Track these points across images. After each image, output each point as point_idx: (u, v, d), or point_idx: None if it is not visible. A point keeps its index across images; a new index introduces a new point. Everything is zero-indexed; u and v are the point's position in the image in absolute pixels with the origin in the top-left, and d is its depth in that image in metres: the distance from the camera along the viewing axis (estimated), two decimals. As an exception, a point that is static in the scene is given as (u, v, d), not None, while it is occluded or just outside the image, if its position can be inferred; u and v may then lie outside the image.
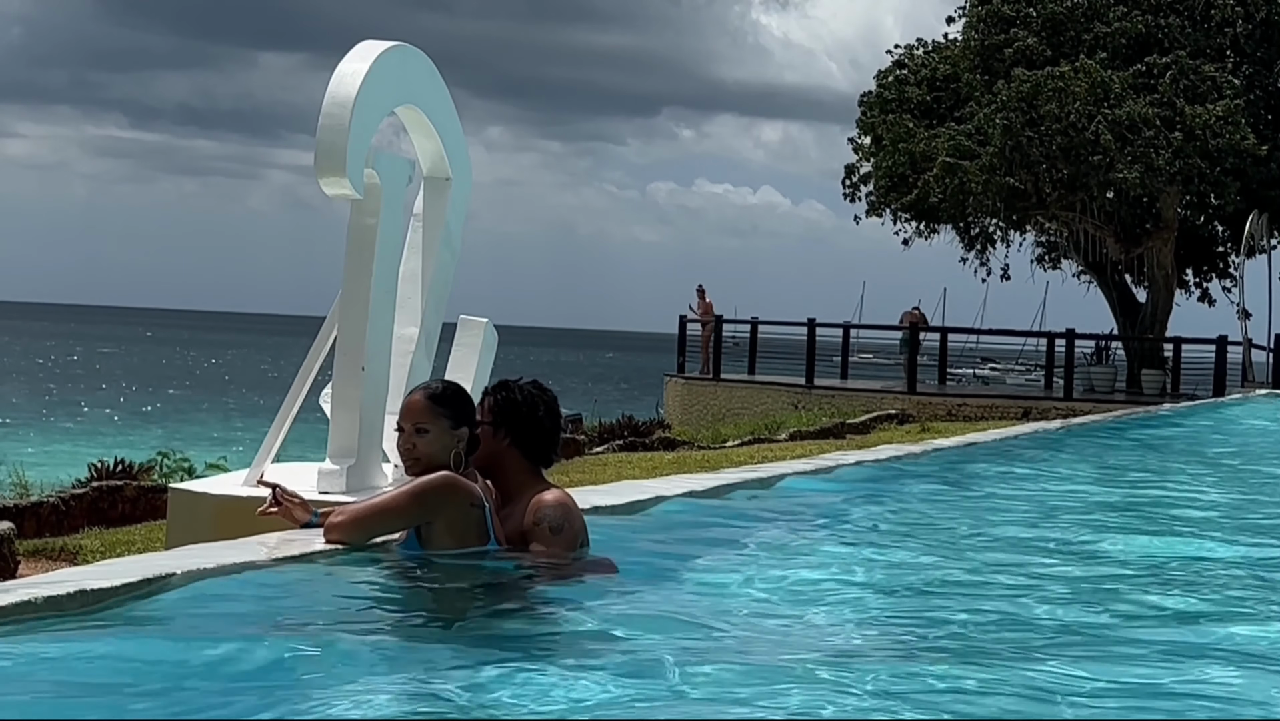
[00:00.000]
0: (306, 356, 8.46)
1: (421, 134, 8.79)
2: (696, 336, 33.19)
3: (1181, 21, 31.41)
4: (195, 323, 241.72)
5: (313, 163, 7.78)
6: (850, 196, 34.10)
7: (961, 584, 6.14)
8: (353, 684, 3.78)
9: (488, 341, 9.12)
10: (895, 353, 34.45)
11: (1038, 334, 41.38)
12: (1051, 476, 11.37)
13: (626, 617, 4.78)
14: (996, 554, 7.06)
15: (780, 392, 29.23)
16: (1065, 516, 8.68)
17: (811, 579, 5.93)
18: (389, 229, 8.33)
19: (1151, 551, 7.34)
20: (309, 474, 8.11)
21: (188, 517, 8.00)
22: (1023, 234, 35.12)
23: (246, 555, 4.99)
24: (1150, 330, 32.21)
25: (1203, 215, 33.93)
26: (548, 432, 5.55)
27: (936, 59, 33.85)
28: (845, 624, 5.01)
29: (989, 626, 5.17)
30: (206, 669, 3.85)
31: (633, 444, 18.50)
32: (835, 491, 9.00)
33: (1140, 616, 5.60)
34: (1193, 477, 11.86)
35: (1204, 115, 29.31)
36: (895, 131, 31.87)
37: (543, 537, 5.33)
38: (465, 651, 4.34)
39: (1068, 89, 29.17)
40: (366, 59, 8.03)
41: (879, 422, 22.43)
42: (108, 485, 12.15)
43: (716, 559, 6.20)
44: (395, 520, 5.28)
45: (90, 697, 3.57)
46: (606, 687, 3.82)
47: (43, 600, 4.19)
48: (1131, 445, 15.32)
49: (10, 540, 8.79)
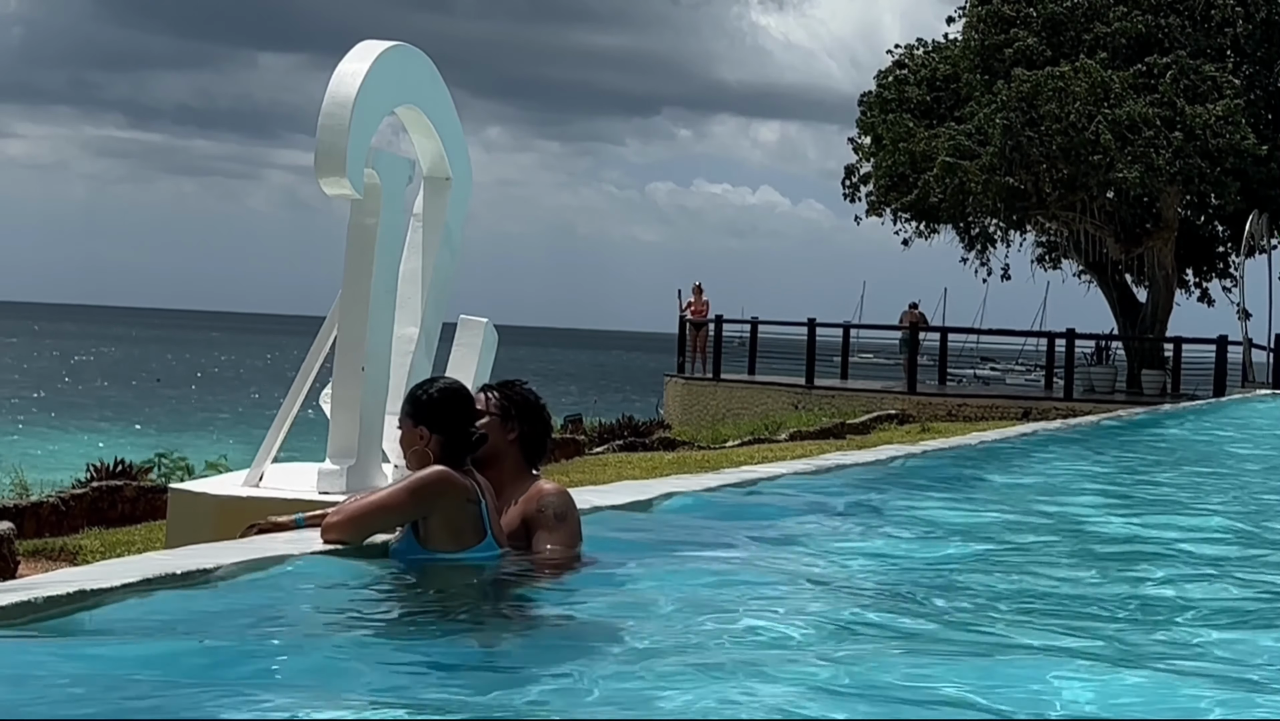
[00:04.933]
0: (306, 356, 8.46)
1: (421, 134, 8.79)
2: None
3: (1182, 21, 31.42)
4: (195, 322, 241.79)
5: (313, 163, 7.79)
6: (850, 196, 34.12)
7: (963, 583, 6.14)
8: (353, 684, 3.78)
9: (488, 341, 9.12)
10: (895, 353, 34.43)
11: (1038, 334, 41.39)
12: (1050, 476, 11.37)
13: (626, 618, 4.77)
14: (997, 554, 7.06)
15: (780, 392, 29.23)
16: (1065, 516, 8.68)
17: (811, 579, 5.92)
18: (389, 229, 8.33)
19: (1158, 545, 7.34)
20: (309, 474, 8.11)
21: (187, 517, 8.01)
22: (1023, 234, 35.13)
23: (246, 555, 4.99)
24: (1150, 330, 32.21)
25: (1203, 215, 33.94)
26: (547, 432, 5.71)
27: (936, 59, 33.86)
28: (846, 623, 5.00)
29: (990, 626, 5.17)
30: (205, 669, 3.85)
31: (633, 444, 18.50)
32: (835, 491, 8.99)
33: (1146, 613, 5.60)
34: (1202, 478, 11.86)
35: (1204, 115, 29.31)
36: (895, 131, 31.87)
37: (547, 523, 5.41)
38: (466, 652, 4.34)
39: (1068, 89, 29.17)
40: (366, 59, 8.03)
41: (879, 423, 22.43)
42: (107, 485, 12.15)
43: (716, 559, 6.19)
44: (391, 516, 5.29)
45: (90, 697, 3.57)
46: (607, 687, 3.81)
47: (43, 600, 4.18)
48: (1138, 444, 15.32)
49: (10, 540, 8.79)
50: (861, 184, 33.85)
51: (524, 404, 5.64)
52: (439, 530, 5.22)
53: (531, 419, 5.63)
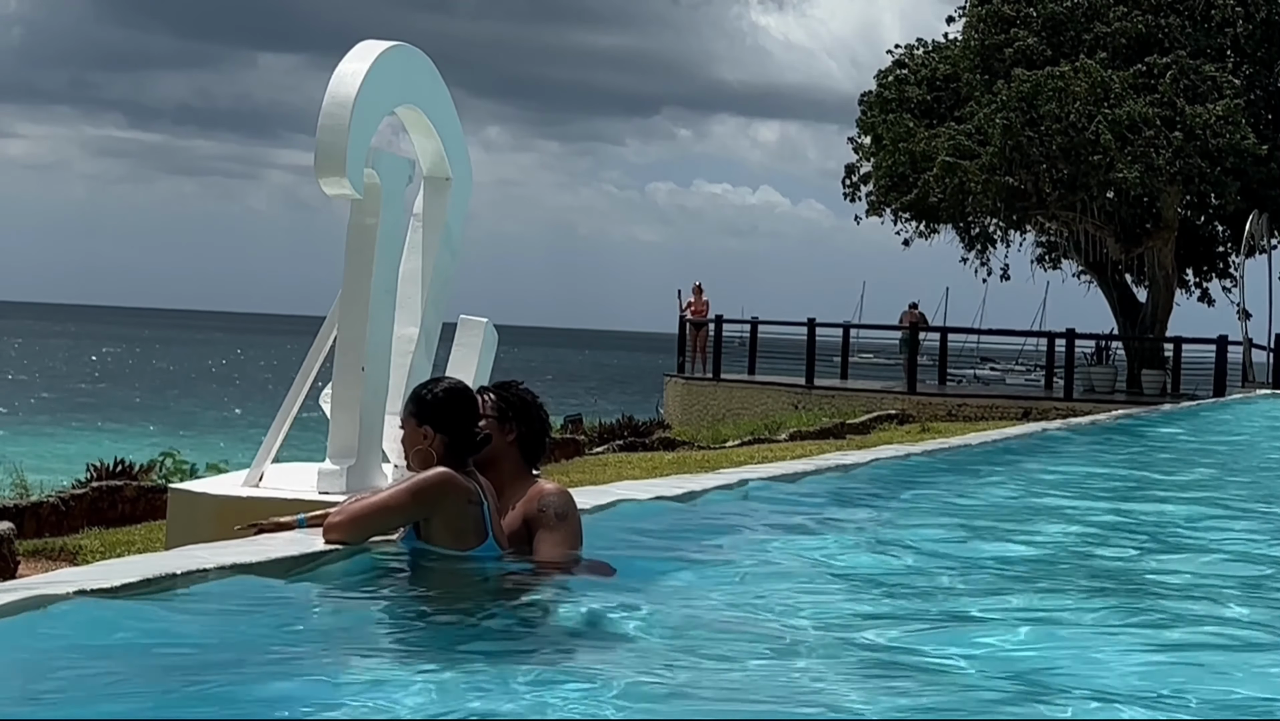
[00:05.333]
0: (306, 356, 8.46)
1: (421, 134, 8.79)
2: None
3: (1182, 21, 31.42)
4: (195, 322, 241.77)
5: (313, 163, 7.78)
6: (850, 196, 34.11)
7: (965, 583, 6.13)
8: (353, 684, 3.78)
9: (488, 341, 9.12)
10: (895, 353, 34.43)
11: (1038, 334, 41.39)
12: (1050, 475, 11.37)
13: (626, 619, 4.77)
14: (998, 554, 7.06)
15: (780, 392, 29.23)
16: (1063, 516, 8.68)
17: (812, 578, 5.93)
18: (389, 229, 8.33)
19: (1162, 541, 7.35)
20: (309, 474, 8.11)
21: (188, 517, 8.00)
22: (1023, 234, 35.13)
23: (246, 555, 4.99)
24: (1150, 330, 32.21)
25: (1203, 215, 33.94)
26: (545, 433, 5.71)
27: (936, 59, 33.85)
28: (846, 622, 5.00)
29: (990, 626, 5.17)
30: (205, 669, 3.85)
31: (633, 444, 18.51)
32: (839, 491, 8.99)
33: (1152, 611, 5.60)
34: (1204, 476, 11.86)
35: (1204, 115, 29.31)
36: (895, 131, 31.87)
37: (548, 523, 5.41)
38: (466, 652, 4.34)
39: (1068, 89, 29.17)
40: (366, 59, 8.03)
41: (879, 422, 22.44)
42: (107, 485, 12.14)
43: (715, 559, 6.19)
44: (393, 517, 5.29)
45: (89, 697, 3.57)
46: (607, 687, 3.81)
47: (43, 600, 4.18)
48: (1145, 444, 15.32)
49: (10, 540, 8.79)
50: (861, 184, 33.84)
51: (521, 405, 5.64)
52: (440, 531, 5.22)
53: (529, 419, 5.63)
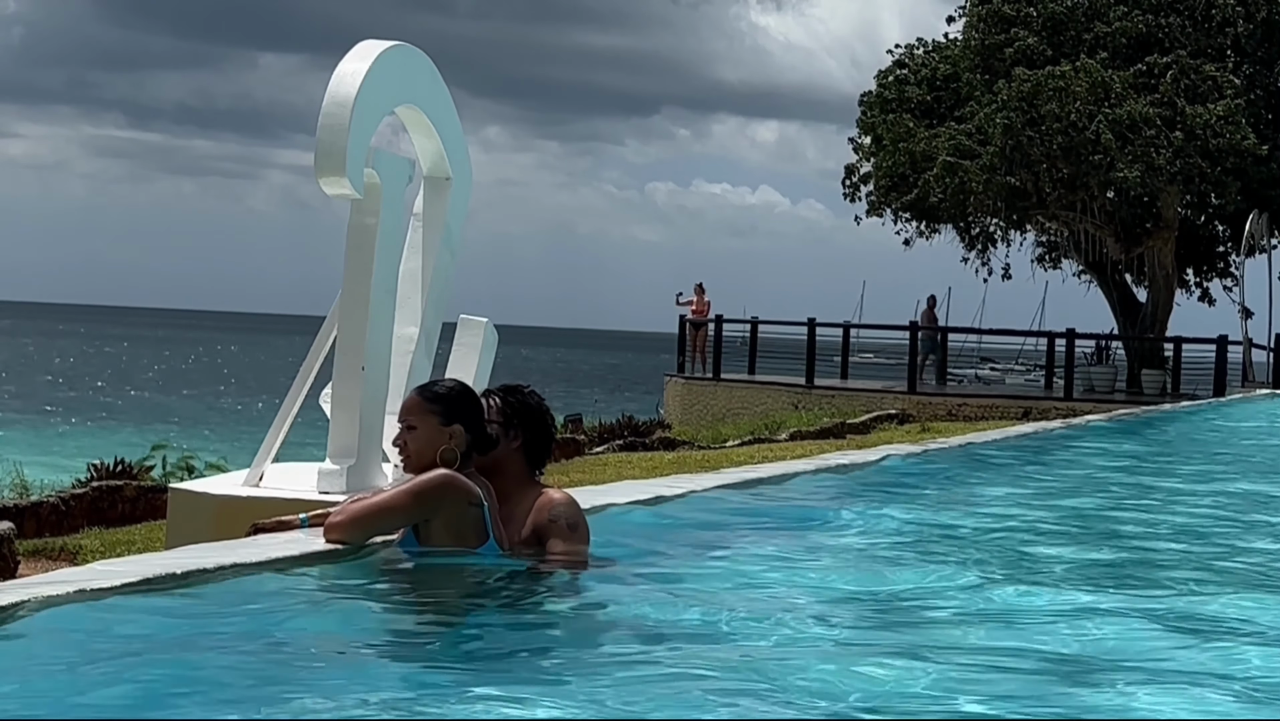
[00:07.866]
0: (306, 356, 8.46)
1: (421, 134, 8.79)
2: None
3: (1182, 21, 31.42)
4: (195, 322, 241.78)
5: (313, 162, 7.79)
6: (850, 196, 34.10)
7: (965, 584, 6.13)
8: (353, 685, 3.77)
9: (488, 341, 9.12)
10: (903, 354, 34.39)
11: (1038, 334, 41.37)
12: (1051, 475, 11.37)
13: (627, 619, 4.77)
14: (998, 554, 7.06)
15: (780, 392, 29.23)
16: (1063, 515, 8.68)
17: (812, 578, 5.92)
18: (389, 229, 8.33)
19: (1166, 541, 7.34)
20: (309, 474, 8.11)
21: (188, 517, 8.01)
22: (1023, 234, 35.13)
23: (246, 555, 4.98)
24: (1150, 330, 32.21)
25: (1203, 215, 33.93)
26: (551, 438, 5.64)
27: (937, 59, 33.84)
28: (846, 622, 5.00)
29: (990, 625, 5.17)
30: (205, 669, 3.84)
31: (633, 444, 18.50)
32: (835, 491, 8.98)
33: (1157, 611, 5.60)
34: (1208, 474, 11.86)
35: (1204, 115, 29.31)
36: (895, 131, 31.86)
37: (561, 533, 5.37)
38: (467, 652, 4.34)
39: (1068, 89, 29.17)
40: (366, 59, 8.03)
41: (879, 422, 22.43)
42: (107, 485, 12.14)
43: (718, 558, 6.19)
44: (394, 518, 5.28)
45: (89, 697, 3.57)
46: (615, 689, 3.81)
47: (42, 600, 4.18)
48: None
49: (10, 540, 8.78)
50: (861, 184, 33.83)
51: (527, 410, 5.54)
52: (441, 532, 5.21)
53: (535, 426, 5.53)
